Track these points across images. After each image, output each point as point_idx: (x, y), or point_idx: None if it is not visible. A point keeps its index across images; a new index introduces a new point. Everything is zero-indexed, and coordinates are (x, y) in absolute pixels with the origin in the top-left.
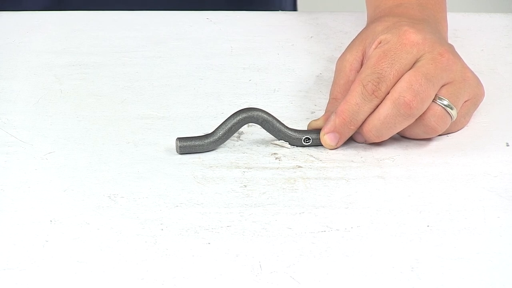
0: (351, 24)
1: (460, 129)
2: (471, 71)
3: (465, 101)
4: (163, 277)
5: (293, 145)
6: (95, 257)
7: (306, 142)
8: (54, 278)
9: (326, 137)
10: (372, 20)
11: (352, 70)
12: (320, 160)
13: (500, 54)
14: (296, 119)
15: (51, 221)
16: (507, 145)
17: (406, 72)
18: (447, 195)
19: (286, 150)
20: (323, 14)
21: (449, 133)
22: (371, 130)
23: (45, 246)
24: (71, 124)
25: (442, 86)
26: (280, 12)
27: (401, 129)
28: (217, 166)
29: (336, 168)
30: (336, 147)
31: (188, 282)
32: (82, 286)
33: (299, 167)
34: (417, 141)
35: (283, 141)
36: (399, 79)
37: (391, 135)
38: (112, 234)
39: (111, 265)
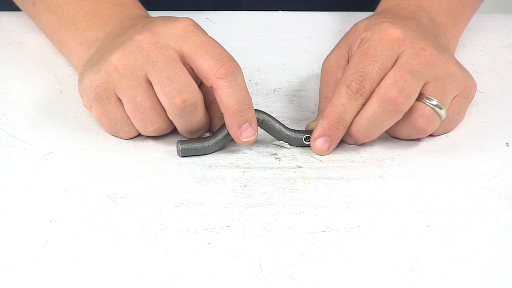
0: (351, 24)
1: (456, 126)
2: (457, 65)
3: (454, 96)
4: (163, 277)
5: (293, 146)
6: (95, 257)
7: (307, 141)
8: (54, 278)
9: (317, 143)
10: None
11: (339, 68)
12: (320, 160)
13: (500, 54)
14: (296, 119)
15: (51, 221)
16: (507, 145)
17: (390, 68)
18: (447, 195)
19: (286, 150)
20: (323, 14)
21: (446, 132)
22: (359, 130)
23: (45, 246)
24: (71, 124)
25: (428, 83)
26: (280, 12)
27: (389, 126)
28: (217, 166)
29: (336, 168)
30: (328, 152)
31: (188, 282)
32: (82, 286)
33: (299, 167)
34: (417, 141)
35: (283, 141)
36: (384, 76)
37: (380, 134)
38: (112, 234)
39: (111, 265)
